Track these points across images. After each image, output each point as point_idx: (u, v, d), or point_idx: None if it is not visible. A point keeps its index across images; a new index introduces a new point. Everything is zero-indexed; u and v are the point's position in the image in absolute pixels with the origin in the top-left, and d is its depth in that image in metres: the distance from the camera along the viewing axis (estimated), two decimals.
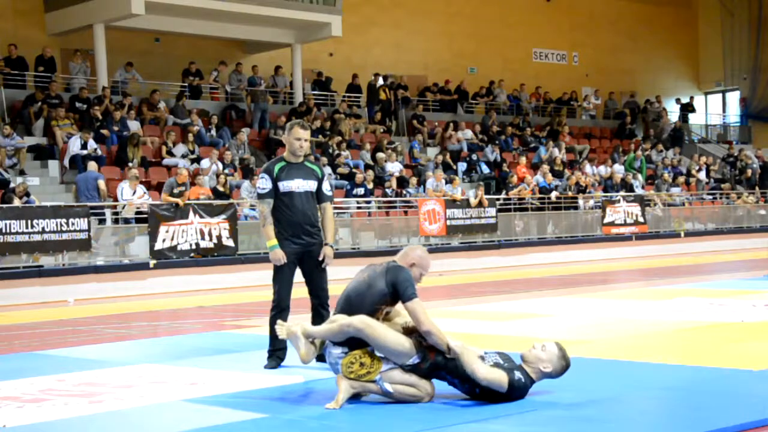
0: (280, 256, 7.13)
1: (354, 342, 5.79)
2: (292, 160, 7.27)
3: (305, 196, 7.23)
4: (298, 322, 6.18)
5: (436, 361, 5.71)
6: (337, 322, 5.85)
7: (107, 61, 22.35)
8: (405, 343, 5.74)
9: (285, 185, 7.17)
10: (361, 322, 5.74)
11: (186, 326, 11.37)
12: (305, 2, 24.13)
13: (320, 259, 7.27)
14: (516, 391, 5.62)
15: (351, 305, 5.93)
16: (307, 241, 7.23)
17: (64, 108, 20.66)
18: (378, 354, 5.78)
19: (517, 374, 5.64)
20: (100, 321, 12.28)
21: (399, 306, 5.99)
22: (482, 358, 5.69)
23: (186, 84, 24.31)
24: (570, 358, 5.86)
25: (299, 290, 7.41)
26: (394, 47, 29.70)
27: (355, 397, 5.80)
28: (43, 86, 21.55)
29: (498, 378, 5.59)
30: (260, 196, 7.27)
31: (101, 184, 17.69)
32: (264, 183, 7.21)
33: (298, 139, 7.19)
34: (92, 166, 18.13)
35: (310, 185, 7.26)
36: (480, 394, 5.66)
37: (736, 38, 37.03)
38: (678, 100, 35.61)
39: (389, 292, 5.88)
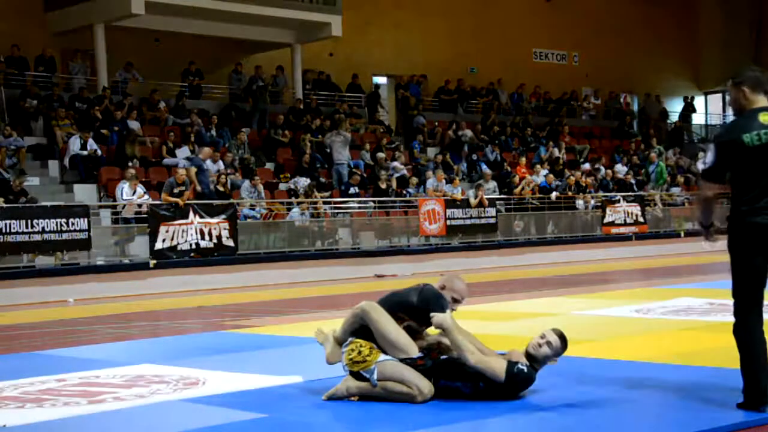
0: None
1: (362, 333, 5.78)
2: None
3: None
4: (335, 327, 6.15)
5: (438, 361, 5.69)
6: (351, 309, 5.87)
7: (107, 61, 22.35)
8: (406, 339, 5.70)
9: None
10: (368, 304, 5.77)
11: (186, 326, 11.36)
12: (305, 2, 24.12)
13: None
14: (517, 382, 5.56)
15: (382, 304, 5.92)
16: None
17: (64, 108, 20.66)
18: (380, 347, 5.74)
19: (520, 365, 5.58)
20: (100, 321, 12.28)
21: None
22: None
23: (186, 84, 24.31)
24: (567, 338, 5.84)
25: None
26: (394, 47, 29.67)
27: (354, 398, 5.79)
28: (43, 86, 21.54)
29: (491, 365, 5.53)
30: None
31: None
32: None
33: None
34: (206, 153, 19.26)
35: None
36: (485, 389, 5.58)
37: (736, 38, 37.01)
38: (657, 98, 35.25)
39: (417, 307, 5.82)
